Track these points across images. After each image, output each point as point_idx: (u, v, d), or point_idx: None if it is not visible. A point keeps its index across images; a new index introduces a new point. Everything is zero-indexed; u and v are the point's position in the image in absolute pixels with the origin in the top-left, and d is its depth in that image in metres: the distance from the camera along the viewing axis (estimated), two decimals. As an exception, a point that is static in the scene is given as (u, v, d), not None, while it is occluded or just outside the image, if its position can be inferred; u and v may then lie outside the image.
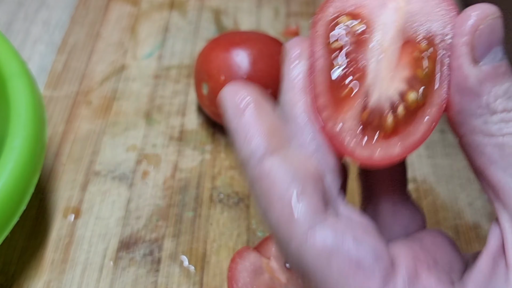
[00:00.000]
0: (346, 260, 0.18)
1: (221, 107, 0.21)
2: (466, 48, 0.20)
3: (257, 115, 0.21)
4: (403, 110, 0.21)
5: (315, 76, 0.21)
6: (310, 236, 0.18)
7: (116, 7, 0.50)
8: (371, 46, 0.22)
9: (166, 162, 0.40)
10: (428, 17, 0.22)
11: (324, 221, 0.19)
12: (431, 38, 0.21)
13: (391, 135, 0.21)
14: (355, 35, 0.22)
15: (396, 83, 0.21)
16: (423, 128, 0.21)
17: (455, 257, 0.22)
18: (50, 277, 0.33)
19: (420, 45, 0.21)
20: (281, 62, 0.23)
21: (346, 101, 0.21)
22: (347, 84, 0.21)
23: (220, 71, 0.38)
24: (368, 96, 0.21)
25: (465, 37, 0.20)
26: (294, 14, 0.52)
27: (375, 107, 0.21)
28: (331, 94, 0.21)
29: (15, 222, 0.30)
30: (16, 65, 0.34)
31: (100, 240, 0.35)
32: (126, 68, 0.45)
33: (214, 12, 0.51)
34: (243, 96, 0.21)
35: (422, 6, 0.22)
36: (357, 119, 0.21)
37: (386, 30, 0.22)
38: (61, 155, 0.39)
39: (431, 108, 0.21)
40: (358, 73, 0.21)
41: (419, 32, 0.21)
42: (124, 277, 0.34)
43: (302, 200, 0.19)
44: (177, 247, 0.35)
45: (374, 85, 0.21)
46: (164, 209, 0.37)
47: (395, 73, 0.21)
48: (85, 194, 0.37)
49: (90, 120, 0.41)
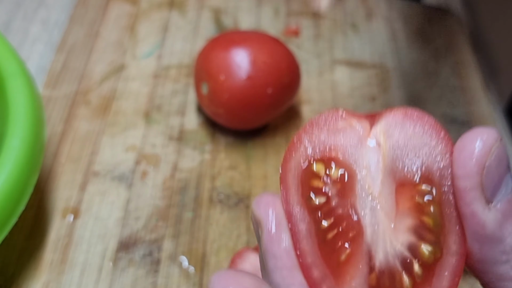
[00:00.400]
0: None
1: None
2: (477, 192, 0.17)
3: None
4: (419, 268, 0.17)
5: (301, 245, 0.18)
6: None
7: (115, 7, 0.50)
8: (359, 194, 0.18)
9: (165, 162, 0.39)
10: (418, 150, 0.18)
11: None
12: (428, 176, 0.18)
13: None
14: (336, 184, 0.18)
15: (402, 235, 0.18)
16: (447, 284, 0.17)
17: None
18: (49, 277, 0.33)
19: (419, 187, 0.18)
20: (253, 225, 0.19)
21: (347, 267, 0.18)
22: (343, 246, 0.18)
23: (220, 70, 0.38)
24: (372, 256, 0.18)
25: (473, 179, 0.17)
26: (294, 13, 0.52)
27: (384, 268, 0.18)
28: (327, 262, 0.18)
29: (14, 222, 0.30)
30: (14, 65, 0.34)
31: (99, 241, 0.35)
32: (125, 67, 0.45)
33: (214, 12, 0.51)
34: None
35: (408, 138, 0.19)
36: (365, 286, 0.18)
37: (372, 174, 0.19)
38: (60, 155, 0.39)
39: (450, 259, 0.18)
40: (352, 230, 0.18)
41: (412, 170, 0.18)
42: (123, 278, 0.34)
43: None
44: (176, 248, 0.35)
45: (376, 242, 0.18)
46: (163, 210, 0.37)
47: (396, 223, 0.18)
48: (84, 194, 0.37)
49: (89, 120, 0.41)
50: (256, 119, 0.40)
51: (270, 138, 0.42)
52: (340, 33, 0.51)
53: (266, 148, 0.41)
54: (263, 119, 0.40)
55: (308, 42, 0.50)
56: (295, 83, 0.40)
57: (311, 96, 0.45)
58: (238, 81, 0.37)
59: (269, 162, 0.40)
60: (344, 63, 0.49)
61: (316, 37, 0.50)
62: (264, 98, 0.38)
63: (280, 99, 0.39)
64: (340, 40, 0.50)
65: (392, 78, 0.48)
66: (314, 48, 0.49)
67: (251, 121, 0.40)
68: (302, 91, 0.45)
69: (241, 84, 0.37)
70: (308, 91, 0.45)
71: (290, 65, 0.39)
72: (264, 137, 0.42)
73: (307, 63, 0.48)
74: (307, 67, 0.47)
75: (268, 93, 0.38)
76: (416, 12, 0.55)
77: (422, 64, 0.50)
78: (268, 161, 0.40)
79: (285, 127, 0.43)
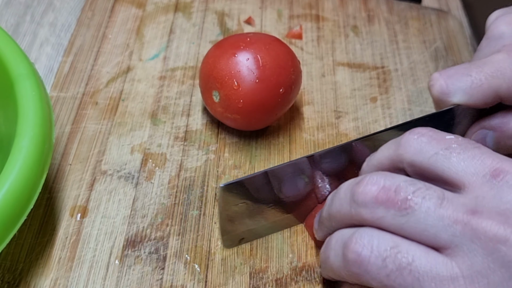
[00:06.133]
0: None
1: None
2: None
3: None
4: None
5: None
6: None
7: (121, 9, 0.51)
8: None
9: (171, 162, 0.40)
10: None
11: None
12: None
13: None
14: None
15: None
16: None
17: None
18: (57, 274, 0.34)
19: None
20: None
21: None
22: None
23: (232, 78, 0.38)
24: None
25: None
26: (297, 16, 0.53)
27: None
28: None
29: (23, 220, 0.30)
30: (24, 67, 0.35)
31: (107, 239, 0.36)
32: (132, 69, 0.46)
33: (218, 14, 0.52)
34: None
35: None
36: None
37: None
38: (68, 155, 0.40)
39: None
40: None
41: None
42: (130, 275, 0.34)
43: None
44: (182, 245, 0.36)
45: None
46: (169, 208, 0.38)
47: None
48: (92, 193, 0.38)
49: (96, 121, 0.42)
50: (269, 119, 0.41)
51: (273, 138, 0.42)
52: (342, 35, 0.52)
53: (269, 148, 0.42)
54: (275, 119, 0.41)
55: (310, 45, 0.50)
56: (299, 79, 0.41)
57: (313, 97, 0.46)
58: (251, 85, 0.38)
59: (272, 161, 0.41)
60: (346, 64, 0.49)
61: (318, 39, 0.51)
62: (277, 98, 0.39)
63: (290, 97, 0.40)
64: (341, 42, 0.51)
65: (393, 79, 0.49)
66: (316, 50, 0.50)
67: (264, 122, 0.41)
68: (305, 92, 0.46)
69: (254, 88, 0.38)
70: (310, 93, 0.46)
71: (293, 63, 0.40)
72: (267, 138, 0.42)
73: (309, 65, 0.49)
74: (310, 69, 0.48)
75: (281, 93, 0.39)
76: (417, 13, 0.55)
77: (422, 65, 0.50)
78: (271, 161, 0.41)
79: (288, 127, 0.43)
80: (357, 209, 0.28)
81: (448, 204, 0.26)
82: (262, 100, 0.38)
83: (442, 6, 0.57)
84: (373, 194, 0.28)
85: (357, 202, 0.28)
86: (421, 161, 0.29)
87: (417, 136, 0.29)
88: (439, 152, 0.28)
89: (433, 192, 0.27)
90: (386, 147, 0.32)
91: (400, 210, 0.27)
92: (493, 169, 0.27)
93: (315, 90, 0.47)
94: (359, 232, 0.28)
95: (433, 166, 0.28)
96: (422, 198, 0.27)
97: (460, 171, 0.28)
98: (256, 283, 0.35)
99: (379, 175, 0.28)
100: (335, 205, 0.31)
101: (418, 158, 0.29)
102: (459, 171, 0.28)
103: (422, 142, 0.29)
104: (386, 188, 0.28)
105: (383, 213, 0.27)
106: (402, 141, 0.30)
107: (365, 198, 0.28)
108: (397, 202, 0.27)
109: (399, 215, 0.27)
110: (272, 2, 0.54)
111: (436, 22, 0.55)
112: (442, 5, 0.57)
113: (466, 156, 0.28)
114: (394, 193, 0.27)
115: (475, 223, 0.26)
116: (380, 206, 0.27)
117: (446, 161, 0.28)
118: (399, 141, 0.30)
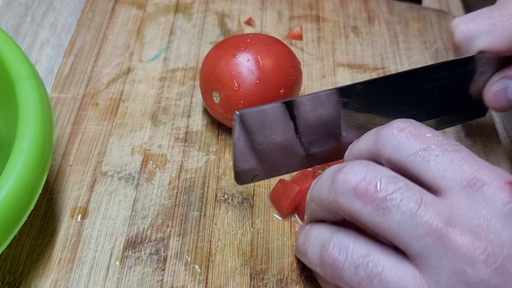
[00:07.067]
0: None
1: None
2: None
3: None
4: None
5: None
6: None
7: (121, 10, 0.51)
8: None
9: (171, 163, 0.40)
10: None
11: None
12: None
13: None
14: None
15: None
16: None
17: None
18: (58, 276, 0.34)
19: None
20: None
21: None
22: None
23: (232, 79, 0.38)
24: None
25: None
26: (297, 17, 0.53)
27: None
28: None
29: (24, 221, 0.30)
30: (24, 68, 0.35)
31: (107, 240, 0.36)
32: (132, 70, 0.46)
33: (219, 15, 0.52)
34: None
35: None
36: None
37: None
38: (69, 156, 0.40)
39: None
40: None
41: None
42: (130, 276, 0.34)
43: None
44: (182, 246, 0.36)
45: None
46: (169, 209, 0.38)
47: None
48: (92, 194, 0.38)
49: (96, 122, 0.42)
50: None
51: (274, 139, 0.42)
52: (342, 36, 0.52)
53: (270, 149, 0.42)
54: None
55: (310, 45, 0.50)
56: (300, 80, 0.41)
57: (314, 98, 0.46)
58: (252, 86, 0.38)
59: (273, 162, 0.41)
60: (346, 65, 0.49)
61: (318, 40, 0.51)
62: (277, 99, 0.39)
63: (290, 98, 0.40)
64: (342, 43, 0.51)
65: (394, 80, 0.49)
66: (316, 51, 0.50)
67: None
68: (305, 93, 0.46)
69: (254, 89, 0.38)
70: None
71: (294, 63, 0.40)
72: (268, 138, 0.42)
73: (309, 65, 0.49)
74: (310, 69, 0.48)
75: (281, 94, 0.39)
76: (417, 14, 0.55)
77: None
78: (272, 162, 0.41)
79: (288, 128, 0.43)
80: (335, 197, 0.28)
81: (425, 210, 0.26)
82: (262, 101, 0.38)
83: (442, 7, 0.57)
84: (352, 184, 0.27)
85: (335, 189, 0.28)
86: (398, 160, 0.29)
87: (397, 131, 0.29)
88: (418, 152, 0.28)
89: (412, 194, 0.27)
90: (367, 138, 0.31)
91: (377, 209, 0.27)
92: (471, 177, 0.27)
93: (315, 91, 0.46)
94: (337, 236, 0.28)
95: (410, 166, 0.28)
96: (401, 200, 0.26)
97: (437, 175, 0.27)
98: (257, 284, 0.35)
99: (362, 165, 0.28)
100: (317, 189, 0.30)
101: (395, 156, 0.29)
102: (436, 175, 0.27)
103: (401, 139, 0.29)
104: (366, 182, 0.27)
105: (360, 207, 0.27)
106: (381, 135, 0.29)
107: (344, 187, 0.28)
108: (375, 200, 0.27)
109: (375, 214, 0.27)
110: (272, 3, 0.54)
111: (436, 23, 0.55)
112: (442, 5, 0.57)
113: (444, 159, 0.28)
114: (373, 189, 0.27)
115: (447, 239, 0.25)
116: (358, 199, 0.27)
117: (423, 163, 0.28)
118: (379, 134, 0.30)
